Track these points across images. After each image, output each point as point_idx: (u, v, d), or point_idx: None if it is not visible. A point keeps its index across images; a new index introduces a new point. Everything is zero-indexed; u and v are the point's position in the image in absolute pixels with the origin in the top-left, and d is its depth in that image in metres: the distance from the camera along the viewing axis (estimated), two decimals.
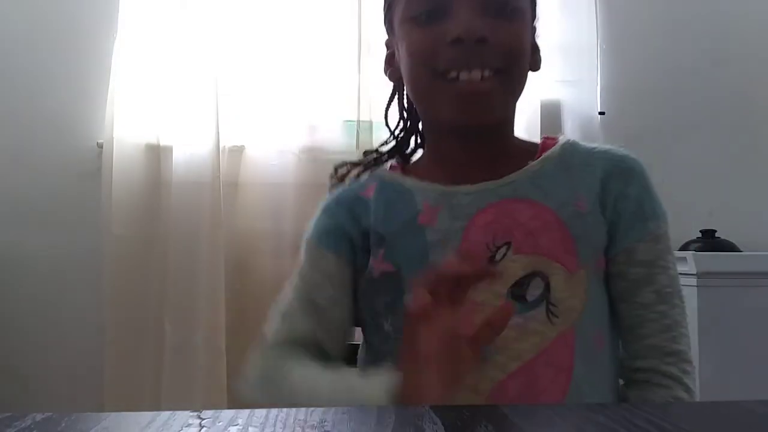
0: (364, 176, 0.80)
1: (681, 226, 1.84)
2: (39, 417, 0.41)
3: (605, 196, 0.70)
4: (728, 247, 1.72)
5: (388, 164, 0.81)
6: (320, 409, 0.42)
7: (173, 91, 1.77)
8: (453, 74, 0.66)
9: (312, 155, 1.81)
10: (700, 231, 1.73)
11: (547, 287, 0.67)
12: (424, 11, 0.69)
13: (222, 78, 1.77)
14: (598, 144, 0.75)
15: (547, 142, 0.75)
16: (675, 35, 2.00)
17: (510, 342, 0.65)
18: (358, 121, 1.80)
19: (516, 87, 0.71)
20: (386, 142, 0.83)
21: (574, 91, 1.96)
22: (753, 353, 1.52)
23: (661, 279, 0.70)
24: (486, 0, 0.67)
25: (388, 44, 0.80)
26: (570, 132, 1.97)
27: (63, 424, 0.40)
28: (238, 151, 1.82)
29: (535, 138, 0.79)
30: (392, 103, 0.84)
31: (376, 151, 0.82)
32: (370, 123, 1.79)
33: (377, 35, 1.83)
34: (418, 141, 0.83)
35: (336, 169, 0.82)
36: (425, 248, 0.70)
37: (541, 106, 1.87)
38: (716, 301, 1.51)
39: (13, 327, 1.76)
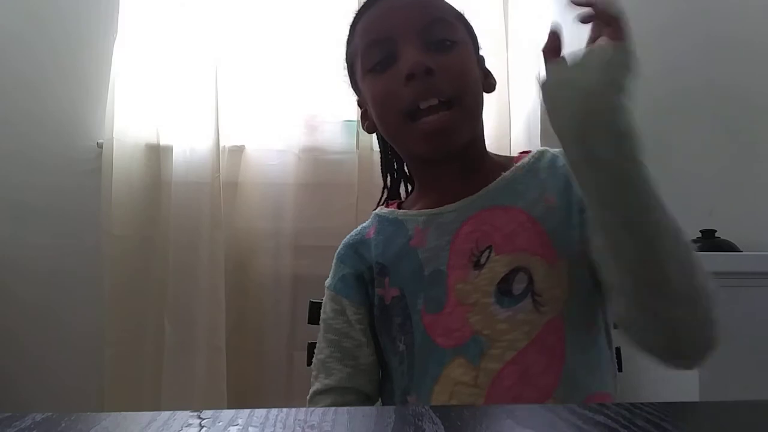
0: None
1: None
2: (39, 417, 0.41)
3: (571, 189, 0.75)
4: (728, 247, 1.72)
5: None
6: (320, 409, 0.42)
7: (173, 91, 1.77)
8: (414, 107, 0.73)
9: (312, 155, 1.81)
10: (700, 231, 1.73)
11: (531, 280, 0.72)
12: (377, 61, 0.77)
13: (222, 78, 1.77)
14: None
15: (522, 155, 0.82)
16: (674, 35, 2.00)
17: (502, 333, 0.71)
18: (359, 121, 1.80)
19: (472, 112, 0.78)
20: (385, 190, 0.93)
21: None
22: (753, 353, 1.52)
23: None
24: (425, 40, 0.75)
25: (359, 103, 0.88)
26: None
27: (63, 424, 0.40)
28: (238, 151, 1.82)
29: (536, 139, 0.83)
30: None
31: (379, 203, 0.92)
32: None
33: None
34: (406, 181, 0.93)
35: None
36: (420, 266, 0.77)
37: (541, 106, 1.87)
38: None
39: (13, 327, 1.76)
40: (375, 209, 0.90)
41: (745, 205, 1.95)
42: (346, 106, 1.83)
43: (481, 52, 0.85)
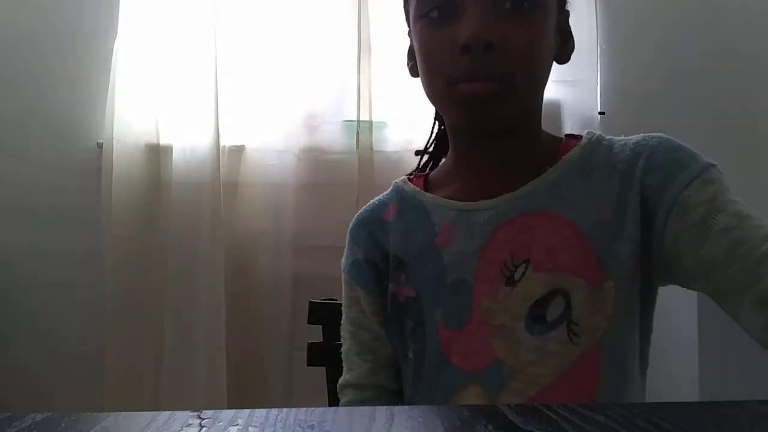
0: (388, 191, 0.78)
1: None
2: (39, 417, 0.41)
3: (630, 188, 0.64)
4: None
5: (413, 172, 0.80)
6: (320, 409, 0.42)
7: (173, 91, 1.77)
8: (462, 83, 0.63)
9: (312, 155, 1.81)
10: None
11: (568, 305, 0.62)
12: (434, 9, 0.64)
13: (222, 78, 1.77)
14: (623, 137, 0.69)
15: (569, 141, 0.70)
16: (675, 35, 2.00)
17: (527, 366, 0.62)
18: (358, 121, 1.80)
19: (528, 90, 0.66)
20: (430, 141, 0.81)
21: (574, 91, 1.96)
22: (753, 353, 1.51)
23: (732, 206, 0.60)
24: None
25: (409, 34, 0.74)
26: (570, 132, 1.97)
27: (63, 424, 0.40)
28: (238, 151, 1.82)
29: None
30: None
31: (425, 150, 0.81)
32: (370, 123, 1.80)
33: (377, 35, 1.83)
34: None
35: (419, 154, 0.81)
36: (442, 271, 0.68)
37: None
38: None
39: (13, 327, 1.76)
40: (404, 178, 0.77)
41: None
42: (346, 106, 1.84)
43: (569, 6, 0.70)
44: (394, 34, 1.81)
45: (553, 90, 1.97)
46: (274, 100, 1.81)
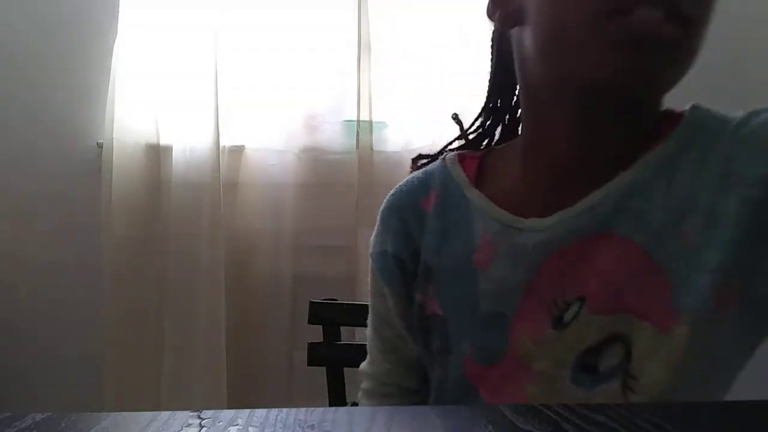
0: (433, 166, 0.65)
1: None
2: (39, 417, 0.41)
3: (727, 191, 0.48)
4: None
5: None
6: (320, 409, 0.42)
7: (173, 90, 1.77)
8: (636, 11, 0.45)
9: (312, 155, 1.81)
10: None
11: (628, 354, 0.50)
12: None
13: (222, 77, 1.77)
14: (732, 116, 0.54)
15: (664, 127, 0.54)
16: None
17: None
18: (358, 121, 1.80)
19: (700, 50, 0.51)
20: (481, 124, 0.66)
21: None
22: (753, 353, 1.51)
23: None
24: None
25: None
26: None
27: (63, 424, 0.40)
28: (238, 151, 1.82)
29: None
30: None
31: (465, 133, 0.67)
32: (370, 123, 1.80)
33: (377, 35, 1.83)
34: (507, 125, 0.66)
35: (414, 161, 0.68)
36: (476, 297, 0.56)
37: None
38: None
39: (13, 327, 1.76)
40: (446, 150, 0.64)
41: None
42: (346, 106, 1.84)
43: None
44: (394, 34, 1.82)
45: None
46: (274, 100, 1.81)
